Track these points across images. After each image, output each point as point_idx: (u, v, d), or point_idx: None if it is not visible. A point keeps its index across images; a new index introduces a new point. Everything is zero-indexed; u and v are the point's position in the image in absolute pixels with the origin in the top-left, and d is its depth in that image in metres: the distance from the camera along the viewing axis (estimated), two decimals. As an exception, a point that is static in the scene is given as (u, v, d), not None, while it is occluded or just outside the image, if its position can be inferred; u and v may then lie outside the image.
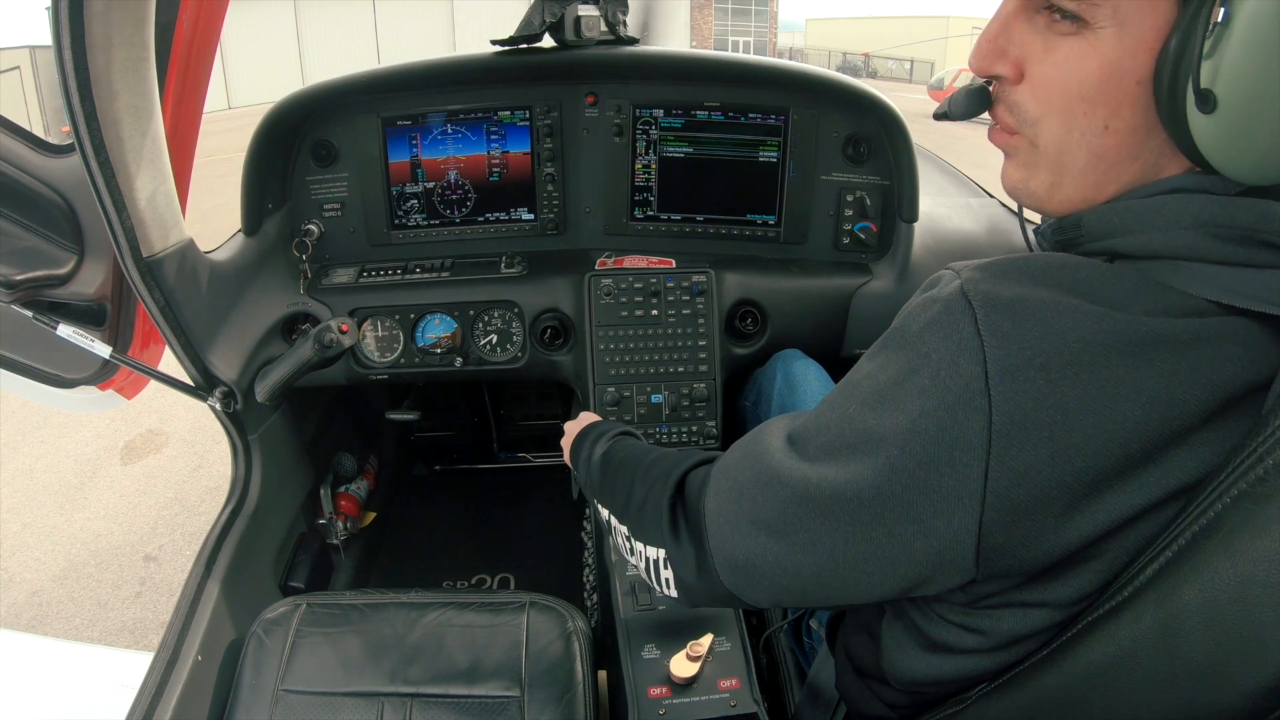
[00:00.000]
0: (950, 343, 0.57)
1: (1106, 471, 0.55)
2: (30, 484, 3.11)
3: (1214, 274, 0.56)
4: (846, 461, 0.62)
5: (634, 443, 1.03)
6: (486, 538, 2.29)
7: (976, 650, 0.70)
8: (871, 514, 0.61)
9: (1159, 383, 0.54)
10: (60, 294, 1.23)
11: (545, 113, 1.56)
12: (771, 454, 0.70)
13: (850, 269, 1.60)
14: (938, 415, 0.57)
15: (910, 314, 0.62)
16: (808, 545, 0.65)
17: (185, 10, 1.17)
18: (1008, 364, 0.55)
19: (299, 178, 1.57)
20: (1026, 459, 0.55)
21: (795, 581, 0.68)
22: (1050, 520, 0.56)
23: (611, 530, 0.95)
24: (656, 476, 0.84)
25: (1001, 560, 0.59)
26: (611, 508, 0.94)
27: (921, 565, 0.61)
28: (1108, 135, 0.60)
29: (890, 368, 0.62)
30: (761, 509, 0.68)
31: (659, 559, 0.82)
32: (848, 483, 0.62)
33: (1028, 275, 0.58)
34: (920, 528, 0.59)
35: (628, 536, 0.88)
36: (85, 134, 1.02)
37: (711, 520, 0.74)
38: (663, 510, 0.80)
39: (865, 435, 0.62)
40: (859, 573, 0.64)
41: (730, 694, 1.10)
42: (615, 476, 0.95)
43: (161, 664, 1.18)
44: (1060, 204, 0.66)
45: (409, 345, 1.58)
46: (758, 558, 0.69)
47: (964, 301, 0.57)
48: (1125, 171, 0.62)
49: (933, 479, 0.57)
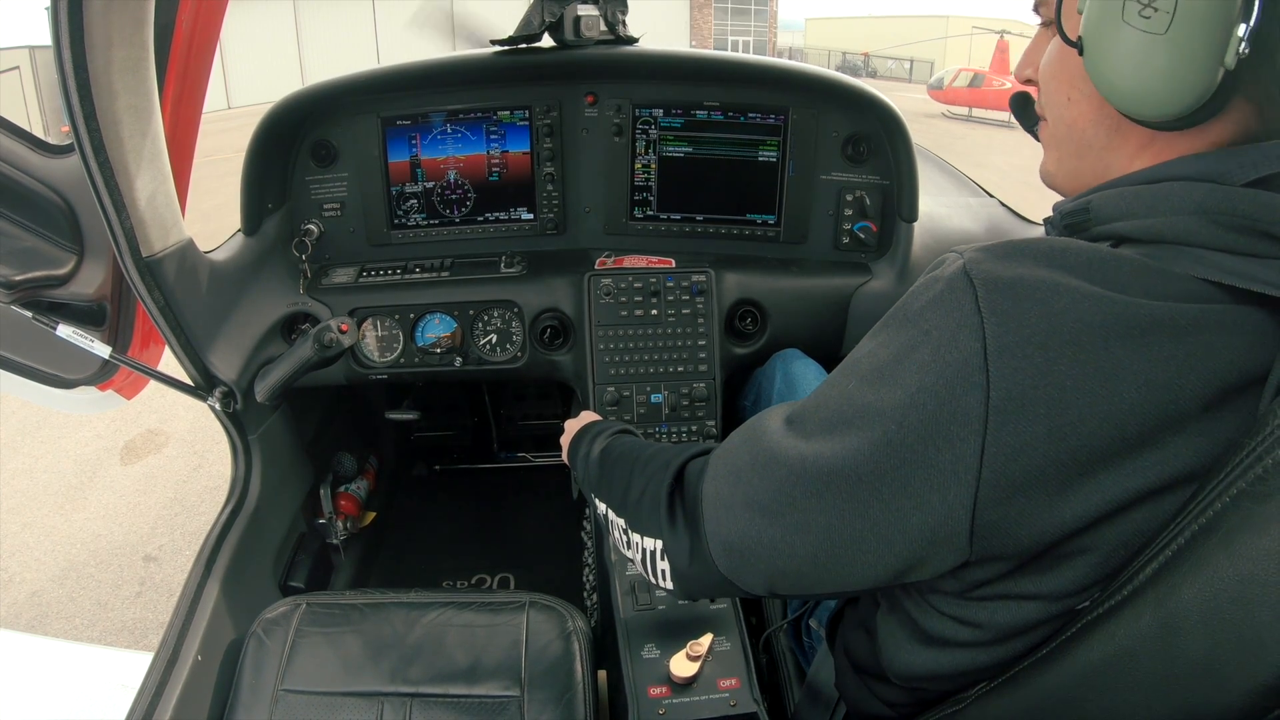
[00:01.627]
0: (951, 320, 0.59)
1: (1102, 452, 0.56)
2: (30, 484, 3.11)
3: (1216, 260, 0.57)
4: (843, 436, 0.63)
5: (632, 439, 1.03)
6: (486, 538, 2.29)
7: (972, 644, 0.70)
8: (868, 489, 0.62)
9: (1157, 367, 0.55)
10: (60, 294, 1.23)
11: (545, 112, 1.56)
12: (770, 435, 0.71)
13: (850, 268, 1.60)
14: (936, 390, 0.58)
15: (913, 294, 0.64)
16: (803, 526, 0.66)
17: (184, 10, 1.17)
18: (1006, 341, 0.56)
19: (299, 178, 1.57)
20: (1023, 436, 0.56)
21: (791, 564, 0.68)
22: (1044, 498, 0.57)
23: (609, 525, 0.95)
24: (656, 468, 0.85)
25: (995, 539, 0.59)
26: (609, 501, 0.94)
27: (917, 542, 0.62)
28: (1072, 106, 0.68)
29: (891, 345, 0.63)
30: (758, 491, 0.69)
31: (656, 549, 0.82)
32: (844, 457, 0.63)
33: (1030, 256, 0.59)
34: (916, 502, 0.60)
35: (625, 529, 0.89)
36: (85, 134, 1.02)
37: (708, 504, 0.74)
38: (660, 499, 0.81)
39: (863, 410, 0.63)
40: (854, 552, 0.64)
41: (730, 694, 1.10)
42: (614, 470, 0.95)
43: (161, 664, 1.18)
44: (1065, 179, 0.73)
45: (409, 345, 1.58)
46: (753, 540, 0.69)
47: (965, 280, 0.59)
48: (1096, 138, 0.68)
49: (929, 453, 0.58)
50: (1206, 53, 0.56)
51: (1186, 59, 0.56)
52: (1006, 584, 0.64)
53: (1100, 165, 0.69)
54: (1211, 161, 0.60)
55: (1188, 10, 0.55)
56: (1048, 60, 0.71)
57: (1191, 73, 0.57)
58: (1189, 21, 0.56)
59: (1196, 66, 0.56)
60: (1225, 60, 0.55)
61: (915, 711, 0.82)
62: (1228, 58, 0.55)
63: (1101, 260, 0.58)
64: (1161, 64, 0.57)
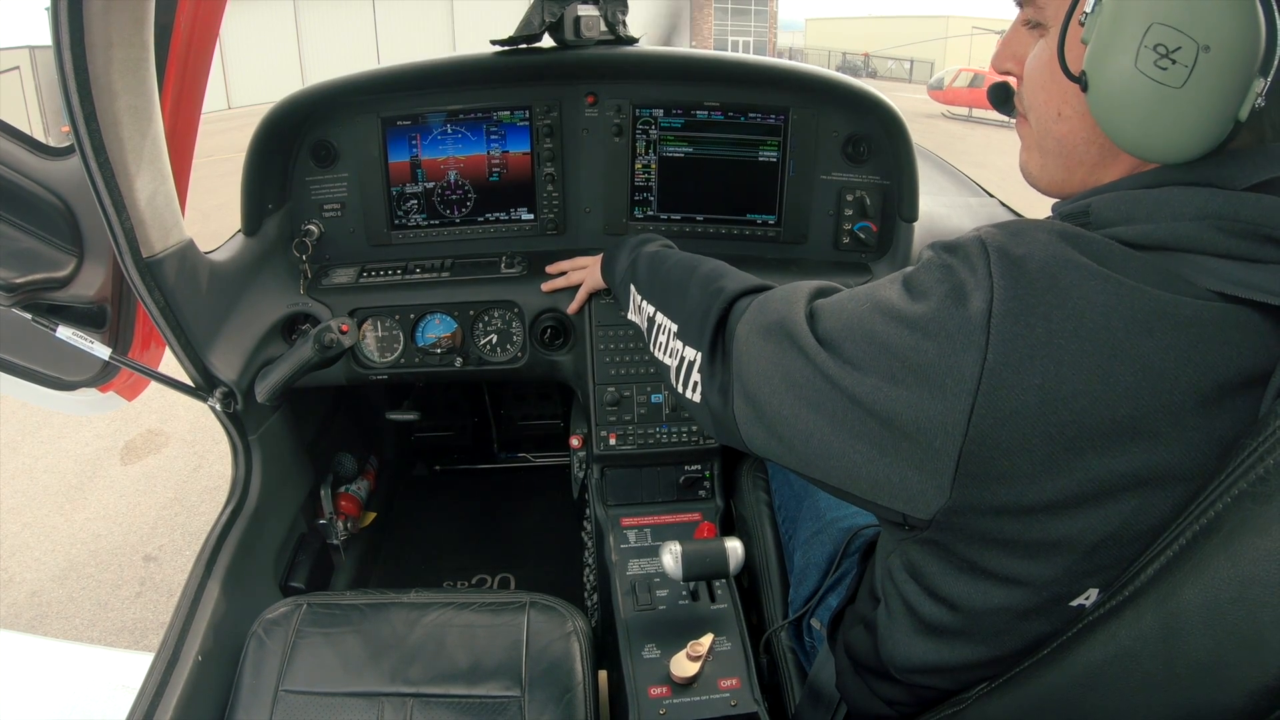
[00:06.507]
0: (960, 279, 0.61)
1: (1091, 431, 0.56)
2: (30, 484, 3.11)
3: (1218, 266, 0.57)
4: (848, 355, 0.67)
5: (684, 252, 1.11)
6: (486, 538, 2.29)
7: (966, 633, 0.71)
8: (862, 413, 0.65)
9: (1155, 354, 0.55)
10: (60, 296, 1.23)
11: (545, 113, 1.56)
12: (795, 311, 0.75)
13: (850, 268, 1.60)
14: (938, 341, 0.60)
15: (933, 251, 0.67)
16: (798, 417, 0.71)
17: (183, 10, 1.17)
18: (1011, 307, 0.57)
19: (299, 178, 1.57)
20: (1014, 403, 0.57)
21: (788, 430, 0.73)
22: (1029, 466, 0.58)
23: (654, 326, 1.02)
24: (716, 290, 0.90)
25: (976, 491, 0.61)
26: (661, 303, 1.01)
27: (900, 467, 0.64)
28: (1062, 122, 0.67)
29: (906, 293, 0.66)
30: (776, 357, 0.74)
31: (696, 360, 0.88)
32: (843, 378, 0.67)
33: (1045, 233, 0.60)
34: (901, 444, 0.63)
35: (673, 334, 0.94)
36: (85, 135, 1.02)
37: (740, 345, 0.80)
38: (710, 321, 0.87)
39: (870, 338, 0.66)
40: (841, 452, 0.68)
41: (731, 694, 1.10)
42: (670, 274, 1.03)
43: (161, 664, 1.17)
44: (1048, 184, 0.73)
45: (409, 345, 1.57)
46: (765, 395, 0.75)
47: (981, 246, 0.61)
48: (1087, 156, 0.67)
49: (924, 401, 0.60)
50: (1223, 106, 0.55)
51: (1201, 113, 0.56)
52: (990, 556, 0.65)
53: (1090, 179, 0.69)
54: (1213, 166, 0.60)
55: (1208, 65, 0.54)
56: (1035, 68, 0.70)
57: (1204, 125, 0.56)
58: (1208, 76, 0.54)
59: (1211, 119, 0.56)
60: (1240, 114, 0.55)
61: (916, 711, 0.82)
62: (1243, 111, 0.55)
63: (1109, 248, 0.59)
64: (1175, 117, 0.56)
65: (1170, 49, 0.55)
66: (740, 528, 1.52)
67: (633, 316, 1.15)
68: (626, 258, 1.18)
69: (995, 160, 1.85)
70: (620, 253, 1.22)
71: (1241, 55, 0.54)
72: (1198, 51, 0.54)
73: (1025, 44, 0.72)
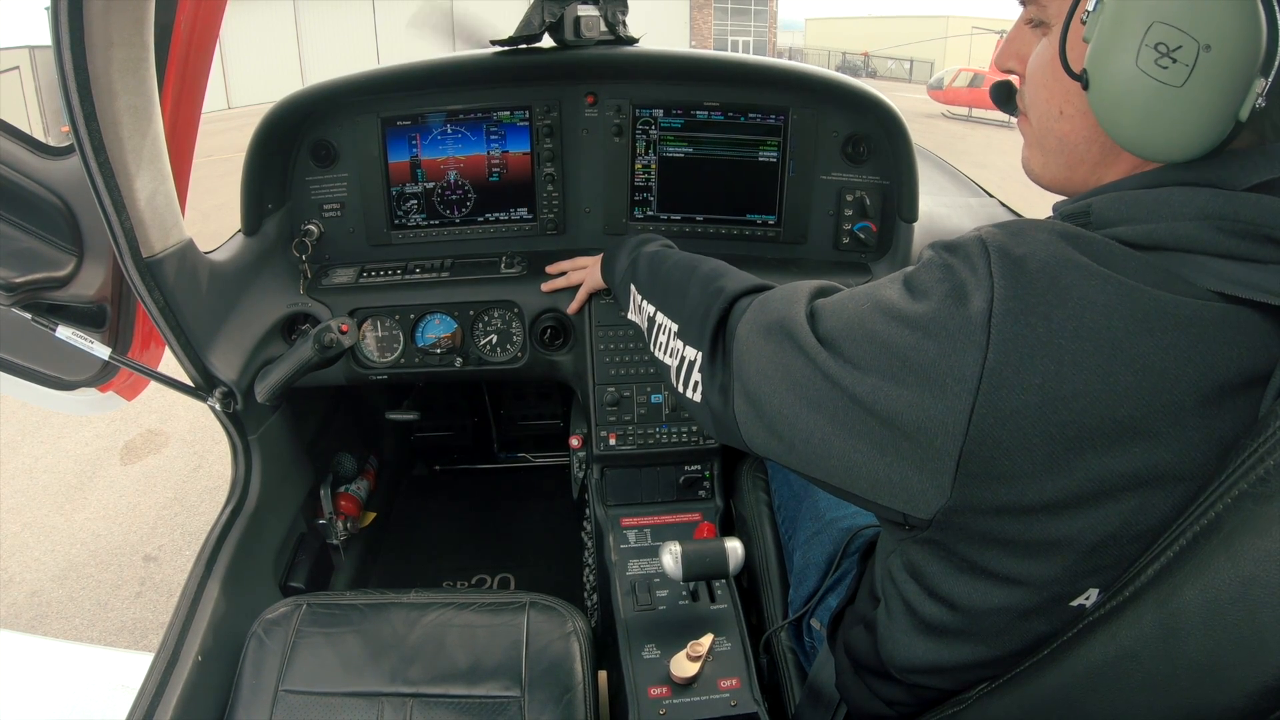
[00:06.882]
0: (961, 278, 0.61)
1: (1092, 431, 0.56)
2: (30, 484, 3.11)
3: (1218, 266, 0.57)
4: (849, 355, 0.67)
5: (683, 252, 1.11)
6: (486, 538, 2.29)
7: (966, 632, 0.71)
8: (862, 412, 0.65)
9: (1155, 354, 0.55)
10: (60, 296, 1.23)
11: (545, 113, 1.56)
12: (796, 311, 0.75)
13: (850, 269, 1.60)
14: (939, 340, 0.60)
15: (934, 250, 0.67)
16: (798, 417, 0.71)
17: (183, 10, 1.17)
18: (1011, 306, 0.57)
19: (299, 178, 1.57)
20: (1015, 403, 0.57)
21: (788, 430, 0.73)
22: (1029, 466, 0.58)
23: (655, 326, 1.02)
24: (716, 290, 0.90)
25: (976, 491, 0.61)
26: (661, 303, 1.01)
27: (900, 466, 0.64)
28: (1063, 120, 0.68)
29: (906, 292, 0.66)
30: (777, 356, 0.74)
31: (696, 360, 0.88)
32: (843, 377, 0.67)
33: (1046, 232, 0.60)
34: (905, 439, 0.63)
35: (674, 334, 0.95)
36: (85, 135, 1.02)
37: (740, 345, 0.80)
38: (711, 321, 0.87)
39: (871, 338, 0.66)
40: (841, 452, 0.68)
41: (730, 694, 1.10)
42: (671, 274, 1.03)
43: (161, 664, 1.17)
44: (1050, 181, 0.74)
45: (409, 345, 1.57)
46: (765, 394, 0.75)
47: (981, 246, 0.61)
48: (1088, 155, 0.68)
49: (925, 401, 0.60)
50: (1223, 105, 0.55)
51: (1201, 112, 0.56)
52: (990, 556, 0.65)
53: (1092, 178, 0.69)
54: (1214, 166, 0.60)
55: (1209, 64, 0.54)
56: (1037, 66, 0.70)
57: (1204, 124, 0.56)
58: (1209, 75, 0.55)
59: (1211, 119, 0.56)
60: (1240, 114, 0.55)
61: (916, 711, 0.82)
62: (1243, 111, 0.55)
63: (1109, 248, 0.59)
64: (1175, 116, 0.57)
65: (1171, 48, 0.55)
66: (740, 528, 1.52)
67: (633, 316, 1.15)
68: (626, 258, 1.18)
69: (995, 160, 1.85)
70: (620, 253, 1.22)
71: (1242, 55, 0.54)
72: (1198, 51, 0.54)
73: (1028, 43, 0.72)
